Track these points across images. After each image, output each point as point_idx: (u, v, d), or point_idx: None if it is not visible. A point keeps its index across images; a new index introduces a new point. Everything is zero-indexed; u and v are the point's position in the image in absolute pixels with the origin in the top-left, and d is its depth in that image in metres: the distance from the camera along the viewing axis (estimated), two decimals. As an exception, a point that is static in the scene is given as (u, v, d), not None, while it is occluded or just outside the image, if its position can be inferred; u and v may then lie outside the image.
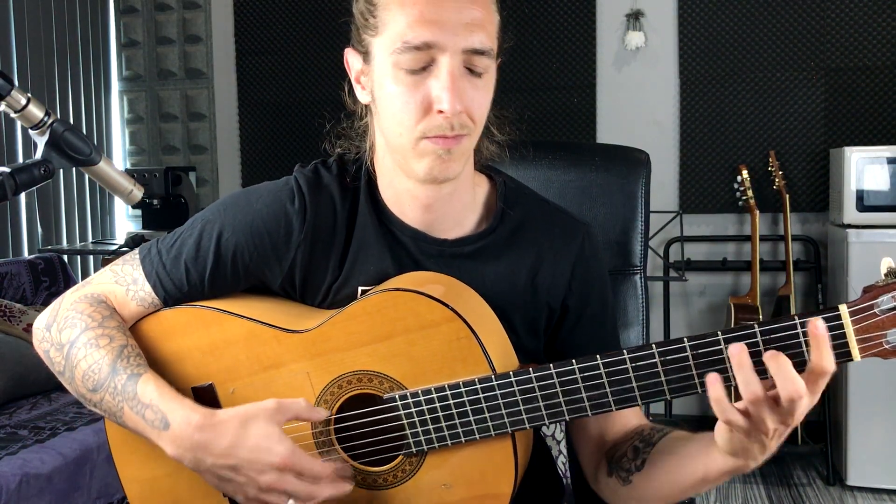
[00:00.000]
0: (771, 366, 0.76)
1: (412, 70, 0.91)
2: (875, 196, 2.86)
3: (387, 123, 0.96)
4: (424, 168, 0.95)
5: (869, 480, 2.87)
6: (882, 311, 0.77)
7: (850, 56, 3.27)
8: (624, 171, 1.38)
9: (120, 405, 0.95)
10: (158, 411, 0.92)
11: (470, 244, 1.04)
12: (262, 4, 3.86)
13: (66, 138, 0.95)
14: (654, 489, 0.95)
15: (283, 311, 1.02)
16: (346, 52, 1.00)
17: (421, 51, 0.90)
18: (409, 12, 0.90)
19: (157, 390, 0.94)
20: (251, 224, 1.02)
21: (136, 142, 4.14)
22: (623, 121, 3.51)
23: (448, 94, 0.90)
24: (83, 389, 0.98)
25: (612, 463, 1.01)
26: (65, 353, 1.00)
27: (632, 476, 0.96)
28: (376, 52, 0.94)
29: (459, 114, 0.91)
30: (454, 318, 0.90)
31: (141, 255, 1.05)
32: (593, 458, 1.05)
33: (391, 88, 0.93)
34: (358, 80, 1.00)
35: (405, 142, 0.94)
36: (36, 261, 3.18)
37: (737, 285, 3.47)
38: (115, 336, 0.99)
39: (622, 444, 1.01)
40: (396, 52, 0.91)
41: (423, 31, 0.90)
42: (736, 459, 0.83)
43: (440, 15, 0.90)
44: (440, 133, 0.93)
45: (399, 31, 0.91)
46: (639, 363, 0.85)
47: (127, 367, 0.96)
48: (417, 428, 0.93)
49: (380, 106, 0.96)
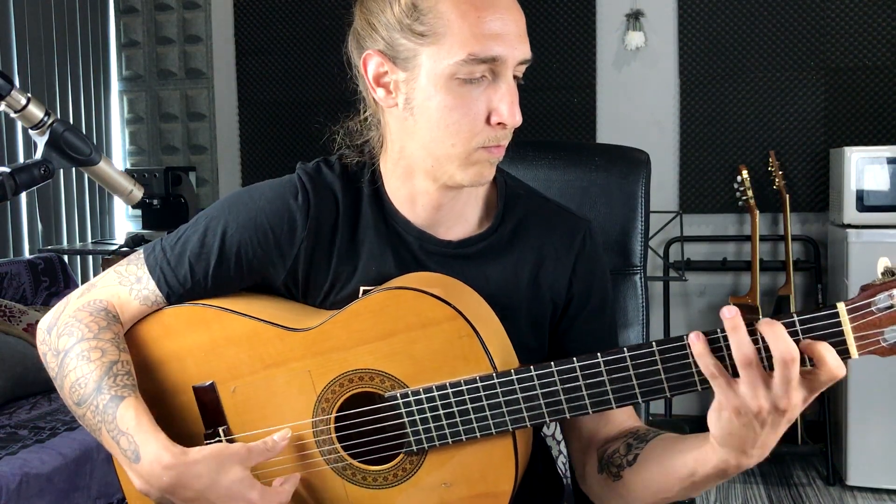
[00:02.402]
0: (765, 331, 0.77)
1: (469, 81, 0.91)
2: (875, 196, 2.87)
3: (434, 133, 0.94)
4: (472, 175, 0.96)
5: (869, 480, 2.87)
6: (879, 309, 0.78)
7: (850, 56, 3.27)
8: (624, 171, 1.38)
9: (98, 425, 0.95)
10: (132, 442, 0.92)
11: (473, 245, 1.04)
12: (262, 4, 3.86)
13: (66, 138, 0.95)
14: (644, 485, 0.94)
15: (284, 310, 1.02)
16: (367, 55, 0.96)
17: (485, 64, 0.90)
18: (473, 23, 0.89)
19: (136, 419, 0.93)
20: (255, 220, 1.02)
21: (136, 142, 4.14)
22: (623, 121, 3.52)
23: (512, 108, 0.92)
24: (69, 401, 0.99)
25: (602, 459, 1.00)
26: (59, 361, 1.00)
27: (622, 471, 0.96)
28: (424, 60, 0.92)
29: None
30: (456, 316, 0.90)
31: (145, 254, 1.06)
32: (584, 455, 1.05)
33: (444, 99, 0.92)
34: (378, 83, 0.97)
35: (458, 151, 0.94)
36: (36, 261, 3.18)
37: (737, 285, 3.47)
38: (108, 350, 0.98)
39: (615, 441, 1.01)
40: (458, 64, 0.90)
41: (492, 44, 0.90)
42: (727, 452, 0.82)
43: (503, 28, 0.91)
44: (496, 143, 0.95)
45: (461, 41, 0.89)
46: (639, 360, 0.86)
47: (112, 387, 0.95)
48: (418, 426, 0.93)
49: (422, 115, 0.94)
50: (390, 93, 0.97)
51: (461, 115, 0.92)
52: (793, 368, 0.76)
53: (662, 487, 0.92)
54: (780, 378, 0.76)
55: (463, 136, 0.93)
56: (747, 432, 0.80)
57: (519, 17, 0.94)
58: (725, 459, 0.83)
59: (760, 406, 0.78)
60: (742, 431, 0.80)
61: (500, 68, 0.92)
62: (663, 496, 0.93)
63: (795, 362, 0.76)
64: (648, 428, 1.02)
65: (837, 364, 0.77)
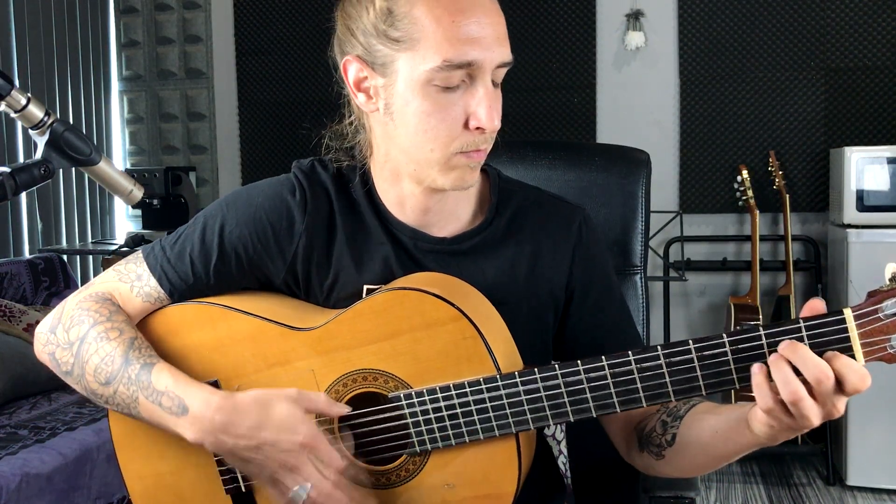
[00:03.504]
0: (790, 356, 0.77)
1: (447, 87, 0.91)
2: (875, 196, 2.87)
3: (413, 139, 0.94)
4: (452, 180, 0.96)
5: (869, 480, 2.88)
6: (886, 315, 0.78)
7: (850, 56, 3.27)
8: (624, 171, 1.38)
9: (134, 395, 0.95)
10: (175, 397, 0.93)
11: (467, 240, 1.04)
12: (262, 4, 3.86)
13: (66, 138, 0.95)
14: (688, 462, 0.96)
15: (289, 309, 1.03)
16: (347, 60, 0.96)
17: (461, 69, 0.90)
18: (447, 29, 0.89)
19: (172, 377, 0.94)
20: (254, 216, 1.02)
21: (136, 142, 4.14)
22: (623, 121, 3.51)
23: (490, 113, 0.91)
24: (94, 384, 0.98)
25: (642, 439, 1.01)
26: (74, 351, 1.00)
27: (664, 451, 0.97)
28: (401, 66, 0.92)
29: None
30: (460, 317, 0.90)
31: (144, 253, 1.06)
32: (623, 435, 1.06)
33: (422, 105, 0.91)
34: (359, 88, 0.97)
35: (437, 157, 0.94)
36: (36, 261, 3.18)
37: (737, 285, 3.47)
38: (125, 329, 0.99)
39: (649, 418, 1.01)
40: (434, 70, 0.89)
41: (467, 49, 0.89)
42: (767, 440, 0.84)
43: (480, 32, 0.90)
44: (475, 148, 0.94)
45: (435, 47, 0.89)
46: (644, 364, 0.86)
47: (140, 358, 0.96)
48: (422, 427, 0.93)
49: (401, 120, 0.94)
50: (371, 98, 0.97)
51: (438, 120, 0.92)
52: (827, 384, 0.77)
53: (707, 463, 0.94)
54: (819, 387, 0.77)
55: (441, 142, 0.93)
56: (792, 433, 0.82)
57: (497, 19, 0.92)
58: (764, 443, 0.85)
59: (811, 423, 0.79)
60: (788, 434, 0.82)
61: (477, 72, 0.91)
62: (711, 468, 0.96)
63: (830, 378, 0.77)
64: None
65: (815, 365, 0.77)
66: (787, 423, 0.80)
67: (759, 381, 0.79)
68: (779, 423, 0.80)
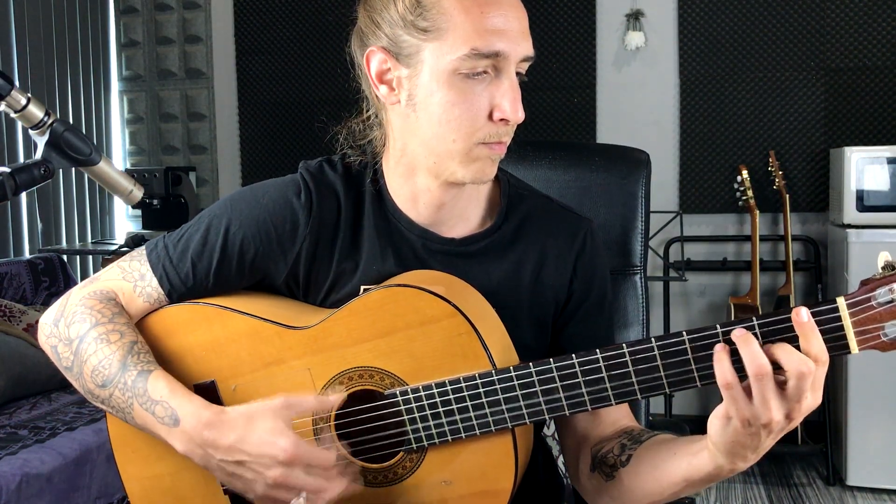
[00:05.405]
0: (776, 353, 0.77)
1: (472, 76, 0.92)
2: (875, 196, 2.87)
3: (435, 129, 0.95)
4: (473, 172, 0.96)
5: (869, 480, 2.87)
6: (879, 303, 0.77)
7: (850, 56, 3.27)
8: (624, 171, 1.38)
9: (130, 401, 0.95)
10: (168, 408, 0.93)
11: (476, 243, 1.04)
12: (262, 4, 3.87)
13: (66, 138, 0.95)
14: (637, 487, 0.94)
15: (285, 308, 1.03)
16: (370, 52, 0.97)
17: (488, 59, 0.91)
18: (476, 19, 0.90)
19: (168, 387, 0.94)
20: (258, 218, 1.02)
21: (136, 142, 4.14)
22: (623, 121, 3.52)
23: (515, 104, 0.93)
24: (91, 385, 0.98)
25: (595, 459, 1.00)
26: (74, 348, 1.00)
27: (615, 472, 0.96)
28: (427, 56, 0.93)
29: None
30: (454, 313, 0.91)
31: (147, 250, 1.06)
32: (577, 453, 1.05)
33: (447, 95, 0.92)
34: (381, 80, 0.98)
35: (459, 147, 0.94)
36: (36, 261, 3.18)
37: (737, 285, 3.47)
38: (126, 332, 0.99)
39: (609, 440, 1.01)
40: (461, 59, 0.90)
41: (494, 39, 0.90)
42: (725, 457, 0.82)
43: (506, 24, 0.91)
44: (497, 139, 0.95)
45: (464, 37, 0.90)
46: (638, 356, 0.86)
47: (137, 364, 0.96)
48: (418, 424, 0.93)
49: (424, 111, 0.95)
50: (393, 90, 0.97)
51: (463, 110, 0.93)
52: (808, 378, 0.76)
53: (654, 490, 0.92)
54: (797, 381, 0.76)
55: (464, 132, 0.94)
56: (752, 441, 0.80)
57: (521, 14, 0.95)
58: (721, 465, 0.83)
59: (772, 417, 0.77)
60: (747, 440, 0.80)
61: (502, 64, 0.92)
62: (655, 498, 0.93)
63: (813, 372, 0.76)
64: (643, 429, 1.02)
65: (800, 359, 0.76)
66: (744, 412, 0.78)
67: (721, 357, 0.79)
68: (737, 413, 0.78)
